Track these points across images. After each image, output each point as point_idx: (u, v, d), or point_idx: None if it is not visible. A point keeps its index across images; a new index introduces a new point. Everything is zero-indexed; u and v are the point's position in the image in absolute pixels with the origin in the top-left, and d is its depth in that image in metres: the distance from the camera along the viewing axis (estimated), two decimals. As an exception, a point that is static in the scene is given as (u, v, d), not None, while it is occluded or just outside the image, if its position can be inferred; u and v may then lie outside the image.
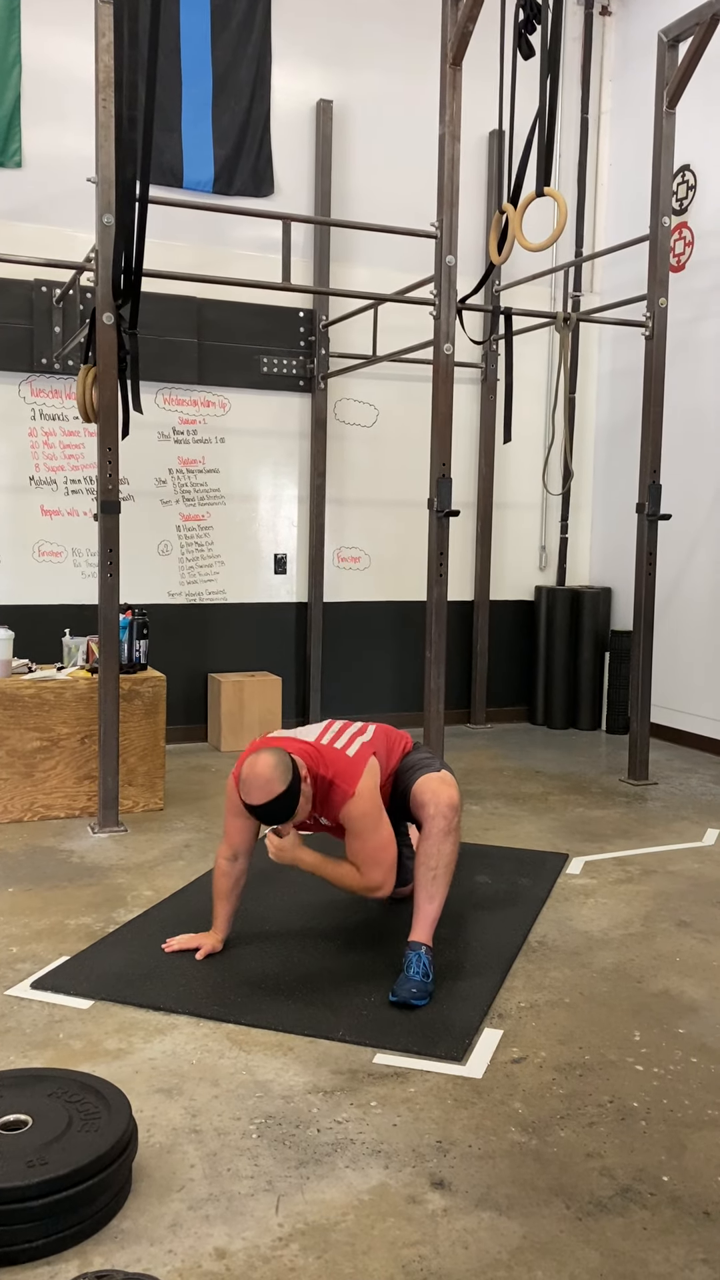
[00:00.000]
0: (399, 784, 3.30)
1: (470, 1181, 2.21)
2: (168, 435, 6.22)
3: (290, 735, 3.23)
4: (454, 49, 4.66)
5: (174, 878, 4.03)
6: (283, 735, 3.25)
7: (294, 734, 3.25)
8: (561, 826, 4.80)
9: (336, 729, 3.29)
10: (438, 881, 3.12)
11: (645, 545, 5.47)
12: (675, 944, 3.47)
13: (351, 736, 3.23)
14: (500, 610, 7.14)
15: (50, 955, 3.29)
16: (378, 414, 6.68)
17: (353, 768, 3.08)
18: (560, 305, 6.99)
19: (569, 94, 6.93)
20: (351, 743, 3.19)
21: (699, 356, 6.30)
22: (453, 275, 4.80)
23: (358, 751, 3.14)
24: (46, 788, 4.73)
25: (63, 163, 5.71)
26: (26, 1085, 2.27)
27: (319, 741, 3.17)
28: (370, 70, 6.44)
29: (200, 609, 6.39)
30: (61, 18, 5.70)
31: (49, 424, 5.94)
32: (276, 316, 6.32)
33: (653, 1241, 2.04)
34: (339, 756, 3.11)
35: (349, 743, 3.19)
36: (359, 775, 3.06)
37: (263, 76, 6.22)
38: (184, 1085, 2.56)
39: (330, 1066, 2.66)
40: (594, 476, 7.34)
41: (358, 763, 3.10)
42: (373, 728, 3.35)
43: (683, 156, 6.16)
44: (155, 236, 4.97)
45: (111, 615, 4.55)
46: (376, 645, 6.83)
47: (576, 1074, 2.65)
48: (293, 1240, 2.02)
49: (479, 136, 6.63)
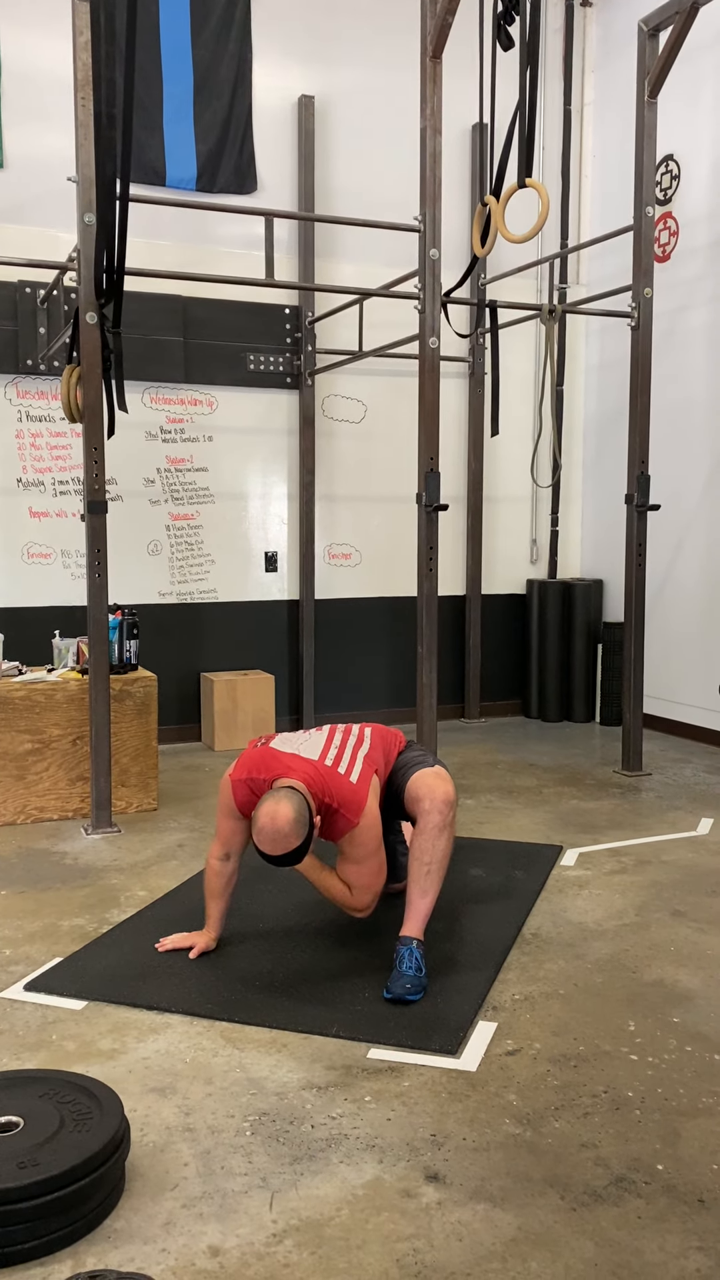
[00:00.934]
0: (393, 782, 3.30)
1: (465, 1174, 2.21)
2: (155, 434, 6.20)
3: (293, 751, 3.19)
4: (434, 42, 4.65)
5: (167, 877, 4.02)
6: (283, 749, 3.21)
7: (296, 748, 3.21)
8: (556, 818, 4.80)
9: (338, 743, 3.25)
10: (431, 876, 3.11)
11: (635, 536, 5.47)
12: (669, 934, 3.47)
13: (353, 753, 3.20)
14: (492, 604, 7.14)
15: (44, 957, 3.29)
16: (366, 409, 6.68)
17: (356, 796, 3.07)
18: (546, 297, 6.98)
19: (551, 85, 6.93)
20: (354, 763, 3.16)
21: (686, 346, 6.29)
22: (437, 269, 4.79)
23: (360, 775, 3.12)
24: (39, 790, 4.72)
25: (44, 163, 5.70)
26: (18, 1087, 2.26)
27: (322, 763, 3.13)
28: (351, 65, 6.43)
29: (191, 608, 6.38)
30: (40, 18, 5.68)
31: (36, 425, 5.93)
32: (262, 313, 6.31)
33: (647, 1230, 2.03)
34: (343, 784, 3.08)
35: (351, 762, 3.16)
36: (363, 805, 3.06)
37: (244, 73, 6.20)
38: (177, 1084, 2.56)
39: (324, 1062, 2.65)
40: (583, 468, 7.34)
41: (361, 791, 3.08)
42: (369, 734, 3.33)
43: (666, 146, 6.15)
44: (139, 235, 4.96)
45: (101, 616, 4.54)
46: (369, 642, 6.82)
47: (571, 1065, 2.65)
48: (287, 1236, 2.02)
49: (461, 130, 6.62)
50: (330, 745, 3.23)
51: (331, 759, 3.16)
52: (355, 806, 3.05)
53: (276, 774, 3.05)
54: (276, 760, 3.12)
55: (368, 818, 3.06)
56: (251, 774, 3.11)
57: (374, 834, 3.09)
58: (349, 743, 3.25)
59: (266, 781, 3.04)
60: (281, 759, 3.12)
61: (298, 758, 3.13)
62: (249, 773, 3.12)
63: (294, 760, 3.11)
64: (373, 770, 3.18)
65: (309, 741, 3.27)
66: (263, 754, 3.18)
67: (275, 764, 3.10)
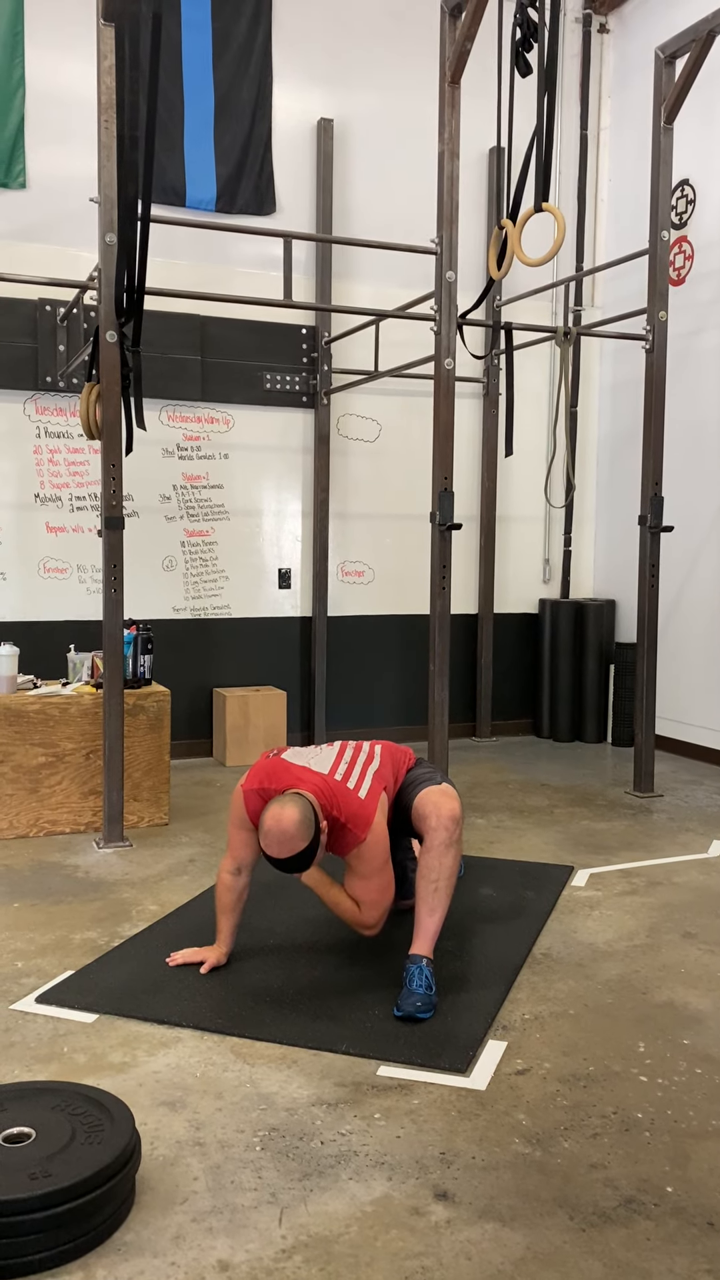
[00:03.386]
0: (401, 799, 3.31)
1: (474, 1193, 2.21)
2: (172, 452, 6.25)
3: (304, 764, 3.21)
4: (452, 67, 4.71)
5: (179, 892, 4.03)
6: (294, 761, 3.23)
7: (308, 761, 3.23)
8: (566, 839, 4.79)
9: (349, 759, 3.27)
10: (439, 894, 3.12)
11: (648, 557, 5.48)
12: (680, 955, 3.47)
13: (363, 769, 3.22)
14: (504, 623, 7.15)
15: (55, 970, 3.30)
16: (380, 429, 6.72)
17: (365, 811, 3.08)
18: (561, 320, 7.02)
19: (568, 110, 6.99)
20: (363, 779, 3.17)
21: (700, 369, 6.32)
22: (453, 291, 4.83)
23: (369, 791, 3.14)
24: (52, 803, 4.75)
25: (66, 183, 5.77)
26: (30, 1098, 2.27)
27: (332, 777, 3.15)
28: (370, 89, 6.50)
29: (205, 624, 6.41)
30: (65, 41, 5.76)
31: (54, 441, 5.98)
32: (279, 333, 6.37)
33: (656, 1252, 2.03)
34: (351, 799, 3.09)
35: (360, 778, 3.17)
36: (370, 820, 3.07)
37: (264, 96, 6.28)
38: (188, 1098, 2.56)
39: (334, 1079, 2.66)
40: (596, 489, 7.36)
41: (369, 806, 3.10)
42: (379, 752, 3.35)
43: (681, 171, 6.20)
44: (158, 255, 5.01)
45: (116, 630, 4.57)
46: (381, 659, 6.84)
47: (580, 1085, 2.65)
48: (296, 1252, 2.02)
49: (478, 153, 6.68)
50: (340, 760, 3.25)
51: (341, 774, 3.17)
52: (363, 822, 3.07)
53: (287, 784, 3.08)
54: (288, 771, 3.14)
55: (375, 833, 3.08)
56: (263, 784, 3.14)
57: (381, 850, 3.10)
58: (359, 759, 3.27)
59: (277, 791, 3.07)
60: (293, 770, 3.15)
61: (309, 770, 3.16)
62: (260, 783, 3.15)
63: (305, 773, 3.14)
64: (381, 787, 3.19)
65: (320, 756, 3.29)
66: (274, 765, 3.20)
67: (286, 775, 3.13)
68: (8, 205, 5.80)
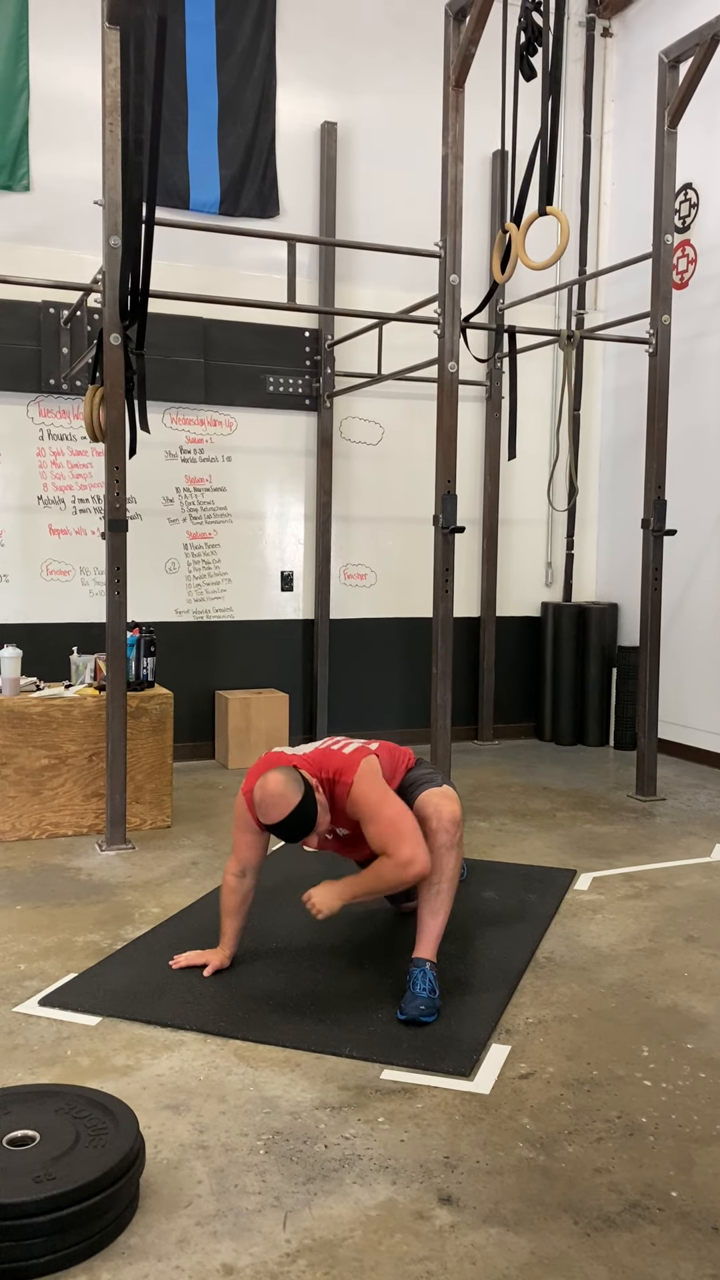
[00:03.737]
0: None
1: (478, 1197, 2.20)
2: (175, 454, 6.26)
3: (294, 752, 3.27)
4: (456, 71, 4.72)
5: (181, 895, 4.03)
6: (287, 751, 3.28)
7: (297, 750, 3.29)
8: (569, 842, 4.79)
9: (343, 740, 3.34)
10: (440, 897, 3.12)
11: (651, 561, 5.48)
12: (683, 959, 3.46)
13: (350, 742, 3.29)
14: (507, 626, 7.15)
15: (58, 972, 3.30)
16: (383, 432, 6.72)
17: (349, 761, 3.13)
18: (564, 323, 7.03)
19: (571, 114, 6.99)
20: (348, 745, 3.25)
21: (702, 372, 6.32)
22: (457, 294, 4.83)
23: (356, 749, 3.20)
24: (54, 805, 4.75)
25: (70, 186, 5.78)
26: (34, 1101, 2.27)
27: (319, 748, 3.24)
28: (374, 93, 6.51)
29: (207, 626, 6.42)
30: (69, 45, 5.77)
31: (57, 444, 5.98)
32: (282, 336, 6.37)
33: (661, 1257, 2.03)
34: (335, 755, 3.17)
35: (345, 744, 3.26)
36: (356, 765, 3.11)
37: (268, 100, 6.29)
38: (191, 1101, 2.56)
39: (338, 1082, 2.66)
40: (599, 492, 7.36)
41: (354, 756, 3.15)
42: (377, 746, 3.36)
43: (685, 175, 6.20)
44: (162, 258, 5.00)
45: (119, 633, 4.57)
46: (383, 662, 6.84)
47: (584, 1089, 2.64)
48: (300, 1256, 2.02)
49: (482, 157, 6.68)
50: (333, 741, 3.34)
51: (329, 746, 3.27)
52: (349, 767, 3.10)
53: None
54: (281, 757, 3.20)
55: (363, 770, 3.09)
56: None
57: (375, 780, 3.09)
58: (354, 741, 3.33)
59: None
60: (285, 755, 3.21)
61: (297, 755, 3.22)
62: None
63: (293, 757, 3.20)
64: (369, 752, 3.22)
65: (312, 746, 3.36)
66: (269, 757, 3.23)
67: (279, 760, 3.18)
68: (12, 208, 5.81)
